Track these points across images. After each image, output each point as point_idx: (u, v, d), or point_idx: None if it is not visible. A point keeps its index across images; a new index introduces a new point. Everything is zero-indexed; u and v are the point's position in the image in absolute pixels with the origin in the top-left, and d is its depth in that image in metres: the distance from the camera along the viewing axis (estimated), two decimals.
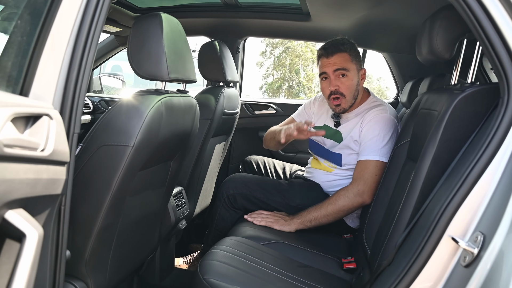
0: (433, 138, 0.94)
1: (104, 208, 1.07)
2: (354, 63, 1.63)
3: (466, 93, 0.91)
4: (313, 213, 1.59)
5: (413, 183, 0.98)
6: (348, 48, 1.62)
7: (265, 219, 1.63)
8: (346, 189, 1.57)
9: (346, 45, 1.62)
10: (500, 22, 0.80)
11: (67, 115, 0.87)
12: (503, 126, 0.78)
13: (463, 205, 0.79)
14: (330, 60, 1.61)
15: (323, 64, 1.64)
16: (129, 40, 1.15)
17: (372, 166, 1.54)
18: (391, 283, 0.84)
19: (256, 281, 1.19)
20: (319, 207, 1.59)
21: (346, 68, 1.60)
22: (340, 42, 1.64)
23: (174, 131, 1.24)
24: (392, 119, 1.61)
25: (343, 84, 1.61)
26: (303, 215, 1.61)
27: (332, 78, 1.62)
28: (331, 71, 1.61)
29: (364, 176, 1.54)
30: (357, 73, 1.65)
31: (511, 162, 0.77)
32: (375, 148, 1.56)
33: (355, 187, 1.54)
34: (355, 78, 1.63)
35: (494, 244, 0.72)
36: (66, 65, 0.86)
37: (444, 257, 0.80)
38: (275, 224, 1.61)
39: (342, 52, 1.61)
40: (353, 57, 1.63)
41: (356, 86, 1.65)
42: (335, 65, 1.60)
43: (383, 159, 1.54)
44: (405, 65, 2.40)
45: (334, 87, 1.62)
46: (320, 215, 1.58)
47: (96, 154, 1.05)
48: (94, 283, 1.16)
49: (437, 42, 1.00)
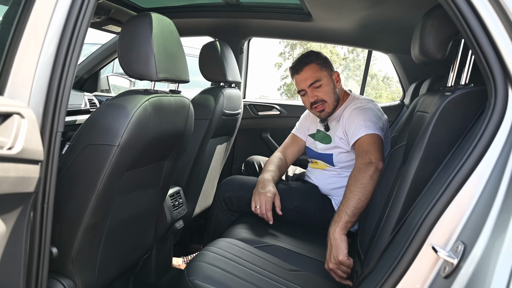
0: (420, 142, 0.91)
1: (89, 207, 1.07)
2: (324, 70, 1.70)
3: (455, 95, 0.87)
4: (346, 208, 1.40)
5: (399, 188, 0.94)
6: (314, 58, 1.70)
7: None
8: (355, 167, 1.50)
9: (311, 56, 1.71)
10: (489, 22, 0.76)
11: (50, 114, 0.88)
12: (488, 130, 0.74)
13: (445, 213, 0.76)
14: (301, 76, 1.70)
15: (297, 81, 1.73)
16: (119, 40, 1.15)
17: (366, 139, 1.54)
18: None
19: (242, 284, 1.17)
20: (347, 200, 1.41)
21: (318, 78, 1.68)
22: (305, 55, 1.73)
23: (164, 131, 1.24)
24: (368, 105, 1.65)
25: (320, 92, 1.69)
26: (341, 219, 1.38)
27: (309, 92, 1.70)
28: (305, 86, 1.70)
29: (363, 149, 1.52)
30: (330, 78, 1.71)
31: (496, 169, 0.73)
32: (358, 127, 1.58)
33: (361, 160, 1.50)
34: (330, 83, 1.70)
35: (474, 254, 0.68)
36: (47, 64, 0.86)
37: (424, 267, 0.76)
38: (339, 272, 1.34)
39: (309, 64, 1.69)
40: (321, 65, 1.69)
41: (333, 89, 1.71)
42: (307, 79, 1.68)
43: (370, 131, 1.54)
44: (410, 67, 2.36)
45: (313, 98, 1.70)
46: (354, 204, 1.39)
47: (82, 153, 1.06)
48: (82, 281, 1.16)
49: (428, 42, 0.96)
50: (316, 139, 1.84)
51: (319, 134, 1.83)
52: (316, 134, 1.87)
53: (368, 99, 1.73)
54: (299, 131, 1.98)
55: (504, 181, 0.70)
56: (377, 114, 1.63)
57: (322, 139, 1.80)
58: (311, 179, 1.84)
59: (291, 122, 2.02)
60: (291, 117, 2.04)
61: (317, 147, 1.82)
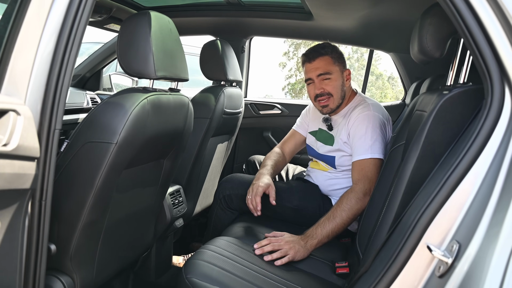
0: (417, 141, 0.90)
1: (87, 204, 1.08)
2: (337, 65, 1.66)
3: (452, 93, 0.86)
4: (328, 225, 1.44)
5: (396, 187, 0.94)
6: (329, 51, 1.65)
7: (276, 247, 1.38)
8: (354, 191, 1.51)
9: (327, 48, 1.66)
10: (486, 20, 0.75)
11: (48, 111, 0.88)
12: (485, 129, 0.73)
13: (441, 212, 0.75)
14: (312, 65, 1.65)
15: (307, 69, 1.68)
16: (118, 38, 1.16)
17: (369, 163, 1.52)
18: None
19: (240, 282, 1.17)
20: (331, 218, 1.45)
21: (329, 71, 1.63)
22: (321, 46, 1.67)
23: (163, 129, 1.24)
24: (376, 115, 1.60)
25: (327, 85, 1.65)
26: (317, 233, 1.43)
27: (316, 82, 1.66)
28: (314, 75, 1.65)
29: (366, 175, 1.51)
30: (341, 75, 1.67)
31: (492, 168, 0.72)
32: (365, 146, 1.55)
33: (362, 187, 1.49)
34: (339, 79, 1.66)
35: (468, 253, 0.68)
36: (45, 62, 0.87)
37: (419, 266, 0.76)
38: (291, 251, 1.36)
39: (323, 56, 1.64)
40: (335, 59, 1.65)
41: (342, 86, 1.67)
42: (318, 69, 1.64)
43: (375, 155, 1.52)
44: (412, 66, 2.35)
45: (319, 90, 1.65)
46: (336, 226, 1.44)
47: (81, 151, 1.06)
48: (80, 278, 1.17)
49: (427, 40, 0.96)
50: (318, 139, 1.80)
51: (322, 134, 1.80)
52: (318, 133, 1.83)
53: (375, 104, 1.68)
54: (300, 127, 1.96)
55: (499, 180, 0.69)
56: (383, 122, 1.59)
57: (325, 139, 1.76)
58: (311, 178, 1.84)
59: (292, 121, 2.01)
60: (293, 116, 2.04)
61: (319, 148, 1.79)
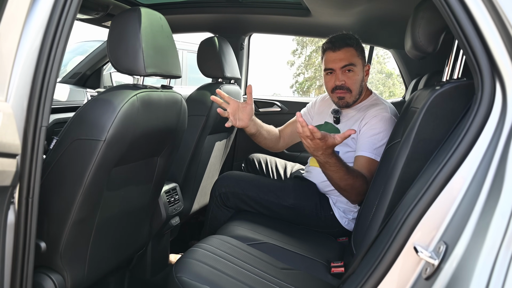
0: (407, 138, 0.87)
1: (76, 202, 1.07)
2: (360, 58, 1.62)
3: (443, 89, 0.83)
4: (339, 170, 1.35)
5: (386, 186, 0.91)
6: (355, 43, 1.61)
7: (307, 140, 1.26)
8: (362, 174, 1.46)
9: (353, 39, 1.62)
10: (476, 13, 0.72)
11: (34, 109, 0.88)
12: (474, 125, 0.70)
13: (429, 212, 0.73)
14: (337, 55, 1.60)
15: (330, 58, 1.62)
16: (108, 35, 1.15)
17: (367, 162, 1.50)
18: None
19: (230, 282, 1.15)
20: (345, 172, 1.37)
21: (353, 63, 1.59)
22: (347, 36, 1.62)
23: (154, 126, 1.23)
24: (393, 119, 1.58)
25: (349, 79, 1.60)
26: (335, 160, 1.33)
27: (338, 73, 1.60)
28: (338, 67, 1.60)
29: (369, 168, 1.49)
30: (362, 69, 1.64)
31: (482, 165, 0.70)
32: (372, 146, 1.52)
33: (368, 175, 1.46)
34: (360, 73, 1.63)
35: (455, 254, 0.65)
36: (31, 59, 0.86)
37: (406, 268, 0.73)
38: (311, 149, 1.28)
39: (349, 47, 1.59)
40: (359, 52, 1.62)
41: (361, 81, 1.64)
42: (342, 61, 1.59)
43: (377, 158, 1.49)
44: (412, 62, 2.31)
45: (340, 82, 1.60)
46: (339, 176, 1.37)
47: (69, 148, 1.05)
48: (71, 276, 1.16)
49: (419, 35, 0.93)
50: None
51: (327, 127, 1.74)
52: (323, 126, 1.77)
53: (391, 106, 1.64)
54: (304, 116, 1.91)
55: (488, 180, 0.66)
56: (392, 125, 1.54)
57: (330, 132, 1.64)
58: (310, 176, 1.80)
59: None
60: (292, 113, 2.01)
61: None
